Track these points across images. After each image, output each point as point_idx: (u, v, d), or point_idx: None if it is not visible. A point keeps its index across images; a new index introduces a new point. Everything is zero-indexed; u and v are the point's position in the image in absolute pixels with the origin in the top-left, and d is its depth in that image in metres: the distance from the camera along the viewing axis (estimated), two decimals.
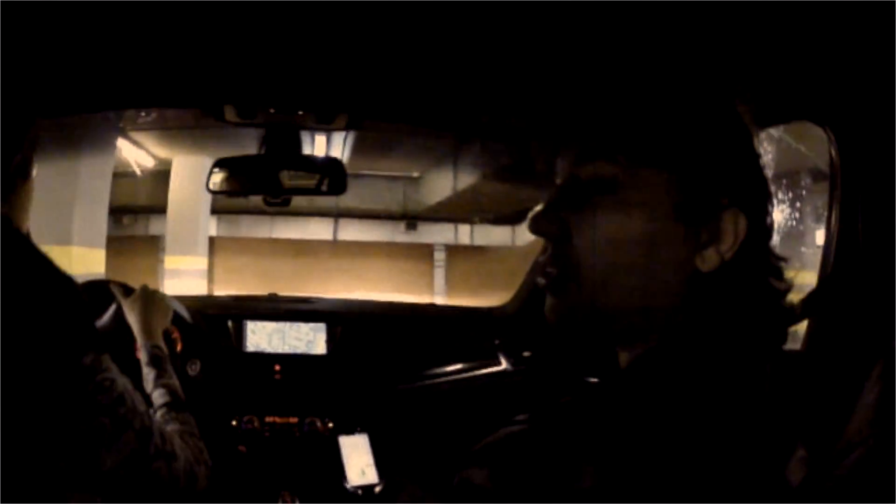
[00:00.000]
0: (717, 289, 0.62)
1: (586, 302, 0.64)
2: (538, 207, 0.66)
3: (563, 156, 0.67)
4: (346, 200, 11.55)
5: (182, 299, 1.94)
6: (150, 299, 1.51)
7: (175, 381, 1.33)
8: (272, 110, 1.52)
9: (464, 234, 15.28)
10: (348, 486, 1.69)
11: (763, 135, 0.71)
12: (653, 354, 0.62)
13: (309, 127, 1.65)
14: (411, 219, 14.54)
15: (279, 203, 1.81)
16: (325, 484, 1.75)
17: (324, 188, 1.79)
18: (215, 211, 12.94)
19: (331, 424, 1.84)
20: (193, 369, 1.77)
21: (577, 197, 0.64)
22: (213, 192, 1.74)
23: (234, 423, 1.84)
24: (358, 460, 1.73)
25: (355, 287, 13.81)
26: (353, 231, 14.85)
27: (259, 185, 1.77)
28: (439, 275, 15.94)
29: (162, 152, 10.65)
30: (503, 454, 0.57)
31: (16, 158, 0.90)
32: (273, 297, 2.23)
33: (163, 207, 11.17)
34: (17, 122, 0.90)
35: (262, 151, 1.74)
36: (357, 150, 9.83)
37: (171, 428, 1.16)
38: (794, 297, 0.65)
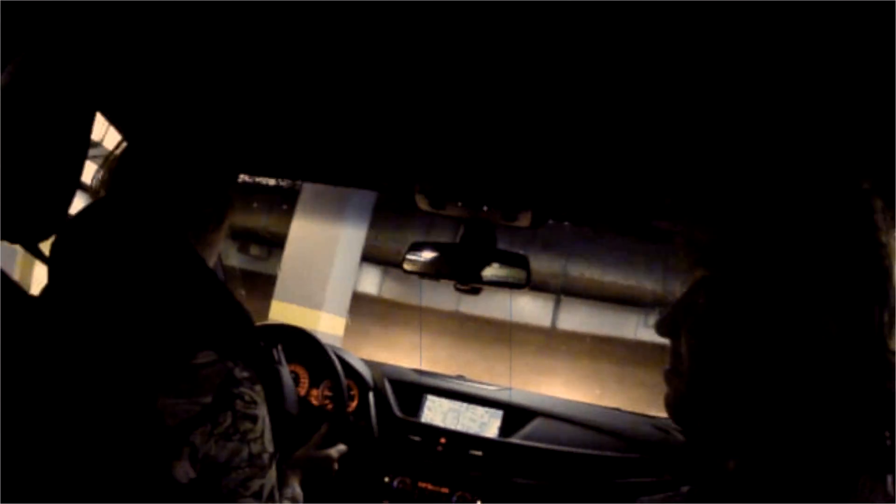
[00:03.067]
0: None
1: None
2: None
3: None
4: (576, 268, 8.83)
5: (372, 364, 2.16)
6: (328, 468, 1.59)
7: None
8: (459, 203, 1.68)
9: None
10: None
11: None
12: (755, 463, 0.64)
13: (497, 223, 1.77)
14: (661, 305, 9.24)
15: (467, 291, 1.96)
16: None
17: (510, 281, 1.92)
18: (378, 260, 9.99)
19: (479, 503, 1.91)
20: (361, 424, 1.96)
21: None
22: (407, 272, 1.93)
23: (386, 479, 1.97)
24: None
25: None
26: (578, 318, 10.41)
27: (451, 271, 1.93)
28: None
29: None
30: None
31: (206, 210, 1.07)
32: (461, 378, 2.36)
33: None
34: (212, 180, 1.08)
35: (458, 240, 1.90)
36: None
37: None
38: None
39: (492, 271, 1.91)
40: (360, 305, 9.81)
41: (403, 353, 9.73)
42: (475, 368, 8.62)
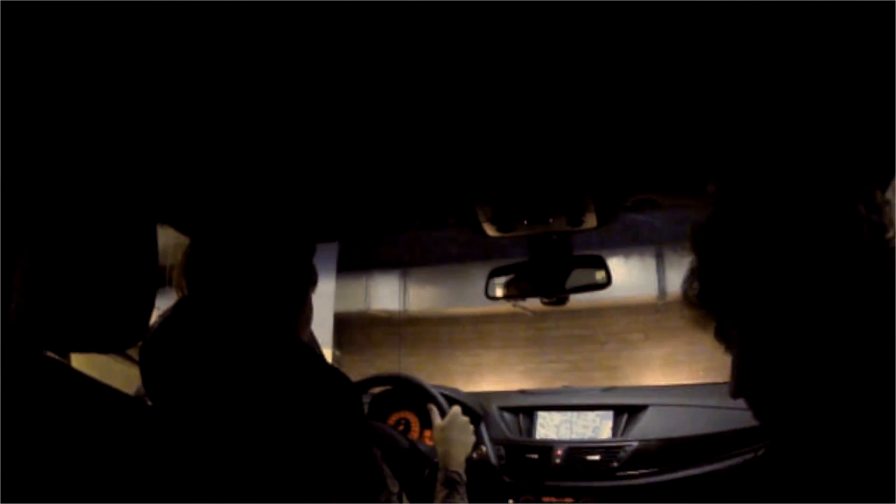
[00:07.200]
0: None
1: None
2: None
3: None
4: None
5: (479, 394, 2.21)
6: (463, 428, 1.71)
7: None
8: (525, 221, 1.72)
9: None
10: None
11: None
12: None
13: (565, 231, 1.80)
14: None
15: (555, 303, 1.99)
16: None
17: (592, 283, 1.95)
18: (398, 264, 7.68)
19: None
20: (479, 453, 1.99)
21: None
22: (492, 298, 1.98)
23: (510, 502, 2.01)
24: None
25: None
26: None
27: (533, 288, 1.97)
28: None
29: None
30: None
31: (288, 287, 1.08)
32: (567, 390, 2.39)
33: None
34: (300, 252, 1.11)
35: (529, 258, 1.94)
36: None
37: None
38: None
39: (573, 279, 1.94)
40: (385, 330, 8.01)
41: (467, 382, 7.66)
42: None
